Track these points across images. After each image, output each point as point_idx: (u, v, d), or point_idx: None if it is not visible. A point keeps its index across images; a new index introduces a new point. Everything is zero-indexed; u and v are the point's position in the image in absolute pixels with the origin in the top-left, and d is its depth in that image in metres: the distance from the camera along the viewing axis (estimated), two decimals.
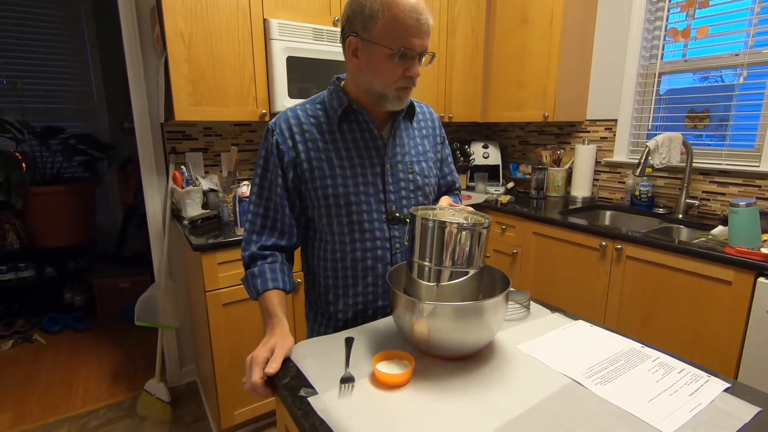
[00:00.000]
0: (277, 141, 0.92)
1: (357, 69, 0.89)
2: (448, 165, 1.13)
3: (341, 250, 0.96)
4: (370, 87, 0.89)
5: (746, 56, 1.81)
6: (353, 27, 0.86)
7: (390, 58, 0.84)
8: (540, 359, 0.78)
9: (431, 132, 1.07)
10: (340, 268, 0.97)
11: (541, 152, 2.56)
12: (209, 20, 1.71)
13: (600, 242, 1.75)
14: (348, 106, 0.93)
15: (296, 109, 0.96)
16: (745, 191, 1.83)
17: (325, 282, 1.00)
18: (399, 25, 0.81)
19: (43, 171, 2.97)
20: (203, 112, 1.75)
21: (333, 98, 0.94)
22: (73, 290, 3.03)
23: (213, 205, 1.93)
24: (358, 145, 0.94)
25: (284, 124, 0.93)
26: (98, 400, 2.12)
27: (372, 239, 0.95)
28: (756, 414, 0.63)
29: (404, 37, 0.82)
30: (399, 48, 0.82)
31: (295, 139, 0.92)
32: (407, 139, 1.00)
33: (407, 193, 0.98)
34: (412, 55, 0.85)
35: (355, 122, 0.95)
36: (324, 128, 0.94)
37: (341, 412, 0.63)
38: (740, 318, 1.38)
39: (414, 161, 1.00)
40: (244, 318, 1.70)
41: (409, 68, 0.86)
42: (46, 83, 3.13)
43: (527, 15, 2.30)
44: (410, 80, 0.88)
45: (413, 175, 0.99)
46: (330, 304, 1.01)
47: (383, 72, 0.86)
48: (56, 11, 3.10)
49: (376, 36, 0.83)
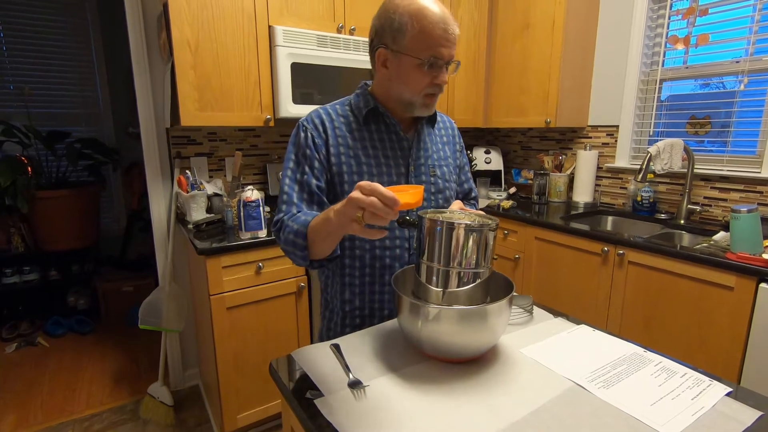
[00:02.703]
0: (312, 135, 0.95)
1: (386, 78, 0.93)
2: (465, 173, 1.17)
3: (360, 247, 0.98)
4: (399, 95, 0.93)
5: (747, 63, 1.83)
6: (383, 39, 0.90)
7: (419, 68, 0.88)
8: (543, 363, 0.79)
9: (451, 140, 1.11)
10: (358, 266, 0.99)
11: (543, 158, 2.57)
12: (215, 27, 1.73)
13: (602, 247, 1.76)
14: (374, 108, 0.97)
15: (326, 107, 1.00)
16: (747, 197, 1.84)
17: (342, 280, 1.01)
18: (427, 36, 0.85)
19: (49, 175, 2.99)
20: (209, 118, 1.77)
21: (360, 100, 0.99)
22: (77, 294, 3.05)
23: (217, 209, 1.94)
24: (384, 145, 0.98)
25: (317, 119, 0.97)
26: (101, 403, 2.12)
27: (391, 238, 0.98)
28: (758, 418, 0.64)
29: (432, 47, 0.86)
30: (428, 58, 0.86)
31: (327, 134, 0.95)
32: (430, 143, 1.04)
33: (428, 195, 1.01)
34: (440, 64, 0.88)
35: (382, 123, 0.99)
36: (353, 126, 0.97)
37: (348, 415, 0.64)
38: (742, 323, 1.38)
39: (436, 165, 1.03)
40: (248, 322, 1.71)
41: (437, 76, 0.90)
42: (52, 88, 3.16)
43: (529, 21, 2.32)
44: (438, 87, 0.92)
45: (435, 178, 1.02)
46: (346, 302, 1.02)
47: (412, 80, 0.90)
48: (63, 17, 3.14)
49: (405, 47, 0.87)
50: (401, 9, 0.86)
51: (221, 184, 2.03)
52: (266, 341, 1.77)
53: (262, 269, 1.70)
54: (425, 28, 0.85)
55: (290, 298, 1.80)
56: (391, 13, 0.87)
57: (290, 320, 1.82)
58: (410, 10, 0.85)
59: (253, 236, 1.69)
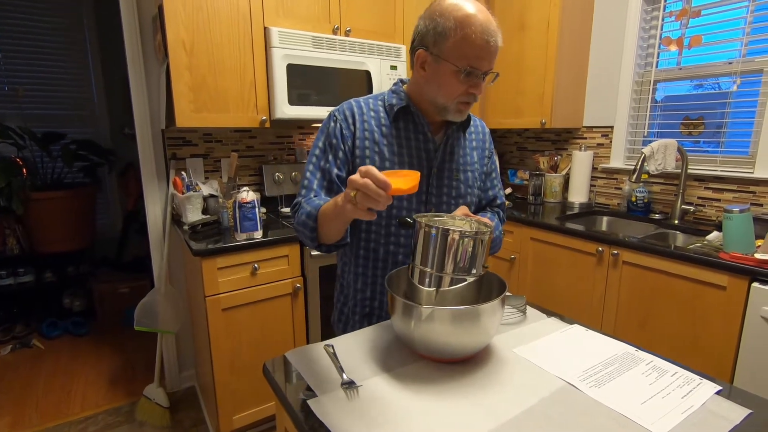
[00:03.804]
0: (341, 126, 0.96)
1: (423, 80, 0.93)
2: (491, 180, 1.14)
3: (375, 240, 0.99)
4: (434, 98, 0.93)
5: (740, 64, 1.84)
6: (424, 41, 0.90)
7: (456, 75, 0.87)
8: (536, 362, 0.79)
9: (481, 144, 1.10)
10: (371, 258, 1.01)
11: (538, 158, 2.58)
12: (210, 28, 1.73)
13: (597, 247, 1.77)
14: (406, 106, 0.97)
15: (359, 100, 1.01)
16: (740, 197, 1.85)
17: (356, 270, 1.03)
18: (469, 45, 0.85)
19: (44, 176, 2.98)
20: (204, 119, 1.77)
21: (393, 97, 0.99)
22: (72, 295, 3.04)
23: (213, 210, 1.94)
24: (410, 144, 0.98)
25: (348, 111, 0.98)
26: (97, 405, 2.12)
27: (406, 236, 0.99)
28: (746, 416, 0.65)
29: (472, 57, 0.86)
30: (466, 67, 0.86)
31: (356, 127, 0.96)
32: (458, 148, 1.04)
33: (448, 199, 1.02)
34: (477, 74, 0.88)
35: (411, 123, 0.99)
36: (382, 122, 0.98)
37: (341, 415, 0.64)
38: (735, 322, 1.39)
39: (461, 170, 1.03)
40: (244, 323, 1.71)
41: (473, 86, 0.89)
42: (47, 89, 3.15)
43: (524, 22, 2.33)
44: (473, 96, 0.91)
45: (457, 182, 1.03)
46: (358, 291, 1.04)
47: (448, 86, 0.89)
48: (58, 18, 3.13)
49: (445, 53, 0.87)
50: (447, 13, 0.85)
51: (217, 185, 2.03)
52: (262, 342, 1.77)
53: (257, 270, 1.70)
54: (468, 37, 0.84)
55: (286, 299, 1.80)
56: (437, 15, 0.87)
57: (286, 321, 1.82)
58: (456, 16, 0.84)
59: (249, 237, 1.69)
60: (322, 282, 1.85)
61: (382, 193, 0.66)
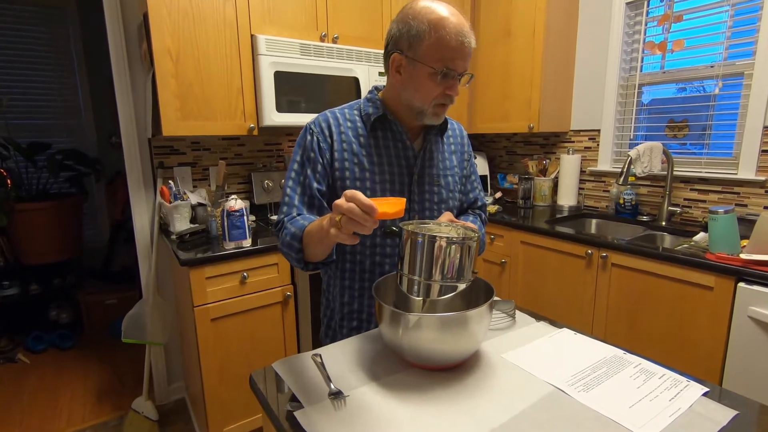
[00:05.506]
0: (318, 139, 0.95)
1: (398, 84, 0.93)
2: (471, 182, 1.14)
3: (361, 252, 0.98)
4: (410, 102, 0.93)
5: (721, 68, 1.87)
6: (399, 45, 0.90)
7: (432, 77, 0.88)
8: (524, 368, 0.79)
9: (459, 148, 1.10)
10: (358, 270, 1.00)
11: (527, 162, 2.60)
12: (197, 36, 1.73)
13: (586, 250, 1.78)
14: (383, 115, 0.97)
15: (335, 111, 1.00)
16: (724, 198, 1.88)
17: (342, 283, 1.02)
18: (444, 46, 0.85)
19: (29, 187, 2.93)
20: (191, 127, 1.76)
21: (369, 105, 0.98)
22: (59, 307, 2.98)
23: (201, 219, 1.92)
24: (389, 153, 0.98)
25: (324, 123, 0.97)
26: (83, 420, 2.07)
27: (392, 245, 0.98)
28: (732, 417, 0.65)
29: (448, 59, 0.86)
30: (442, 68, 0.86)
31: (333, 139, 0.95)
32: (437, 153, 1.04)
33: (431, 204, 1.02)
34: (453, 75, 0.88)
35: (389, 131, 0.98)
36: (359, 132, 0.97)
37: (327, 426, 0.63)
38: (722, 323, 1.41)
39: (441, 175, 1.03)
40: (234, 333, 1.69)
41: (449, 87, 0.90)
42: (32, 99, 3.11)
43: (510, 28, 2.35)
44: (449, 98, 0.92)
45: (438, 188, 1.02)
46: (345, 305, 1.03)
47: (424, 89, 0.89)
48: (43, 27, 3.10)
49: (420, 55, 0.87)
50: (421, 16, 0.86)
51: (205, 193, 2.01)
52: (252, 352, 1.75)
53: (246, 279, 1.68)
54: (443, 39, 0.84)
55: (276, 307, 1.78)
56: (410, 19, 0.87)
57: (277, 330, 1.80)
58: (430, 19, 0.85)
59: (238, 246, 1.68)
60: (313, 290, 1.83)
61: (368, 218, 0.66)
